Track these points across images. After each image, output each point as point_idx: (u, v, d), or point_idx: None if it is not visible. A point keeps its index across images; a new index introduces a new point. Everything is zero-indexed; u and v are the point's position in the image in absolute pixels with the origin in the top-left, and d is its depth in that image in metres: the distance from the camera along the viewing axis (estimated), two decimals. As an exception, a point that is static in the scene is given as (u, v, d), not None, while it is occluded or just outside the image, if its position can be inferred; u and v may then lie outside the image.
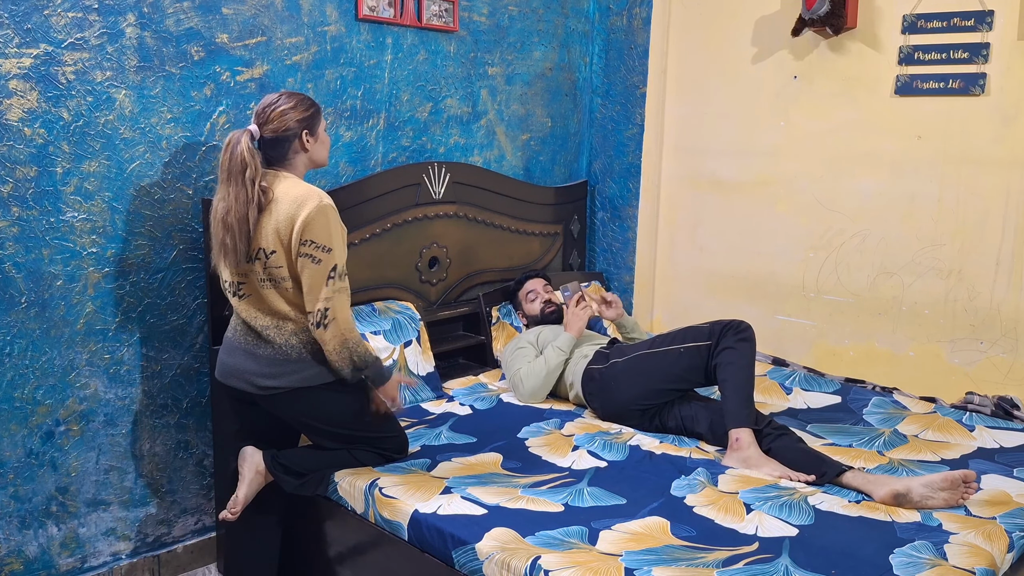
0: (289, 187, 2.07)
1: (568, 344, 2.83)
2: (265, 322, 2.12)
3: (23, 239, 2.19)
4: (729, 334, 2.53)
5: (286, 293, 2.09)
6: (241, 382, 2.14)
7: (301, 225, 2.01)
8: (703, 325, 2.62)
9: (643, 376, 2.60)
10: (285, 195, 2.06)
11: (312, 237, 2.02)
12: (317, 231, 2.02)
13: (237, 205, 2.02)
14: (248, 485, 2.17)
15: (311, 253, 2.02)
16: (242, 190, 2.02)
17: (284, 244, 2.05)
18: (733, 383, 2.45)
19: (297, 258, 2.04)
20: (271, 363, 2.11)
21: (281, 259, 2.06)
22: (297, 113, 2.11)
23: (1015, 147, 2.75)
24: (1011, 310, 2.80)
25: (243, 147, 2.03)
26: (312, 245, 2.02)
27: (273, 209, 2.05)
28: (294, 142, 2.12)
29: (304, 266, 2.03)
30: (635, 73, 3.57)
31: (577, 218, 3.70)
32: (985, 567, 1.77)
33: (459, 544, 1.88)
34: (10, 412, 2.23)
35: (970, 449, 2.48)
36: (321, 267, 2.02)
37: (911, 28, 2.90)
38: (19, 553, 2.28)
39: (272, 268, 2.07)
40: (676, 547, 1.85)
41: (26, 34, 2.13)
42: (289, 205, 2.04)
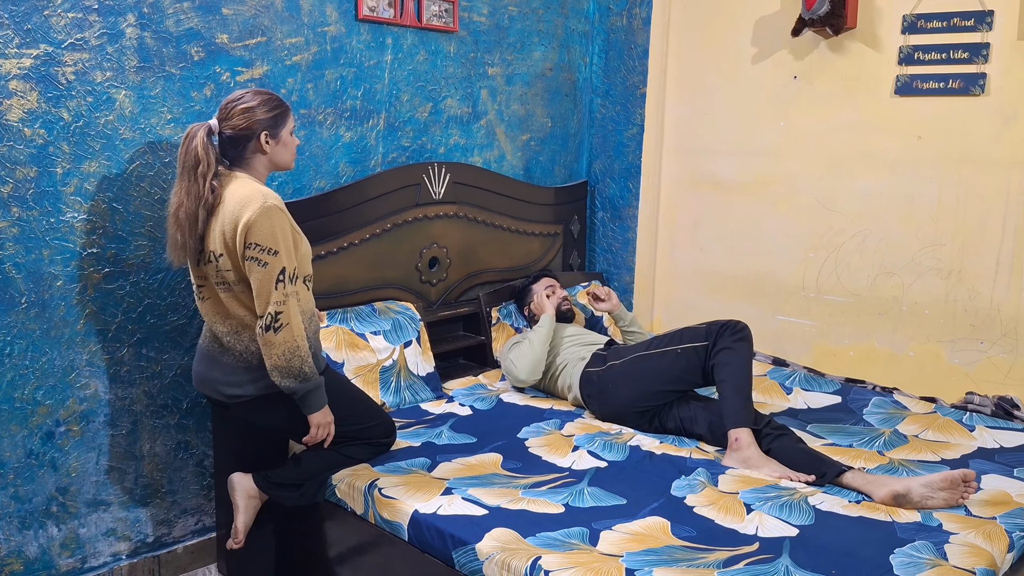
0: (237, 187, 2.00)
1: (546, 321, 2.89)
2: (224, 327, 2.07)
3: (23, 239, 2.19)
4: (726, 334, 2.54)
5: (240, 297, 2.03)
6: (210, 390, 2.13)
7: (244, 227, 1.94)
8: (700, 326, 2.62)
9: (641, 379, 2.61)
10: (231, 196, 1.99)
11: (256, 240, 1.94)
12: (261, 234, 1.94)
13: (188, 201, 1.97)
14: (244, 512, 2.17)
15: (257, 256, 1.94)
16: (193, 185, 1.97)
17: (229, 247, 1.98)
18: (731, 383, 2.45)
19: (244, 261, 1.97)
20: (233, 371, 2.06)
21: (228, 263, 2.00)
22: (259, 113, 2.03)
23: (1015, 147, 2.75)
24: (1011, 310, 2.80)
25: (198, 141, 1.97)
26: (257, 248, 1.94)
27: (220, 211, 1.99)
28: (252, 142, 2.05)
29: (251, 270, 1.96)
30: (635, 73, 3.57)
31: (577, 218, 3.70)
32: (985, 567, 1.77)
33: (459, 544, 1.88)
34: (10, 412, 2.22)
35: (970, 449, 2.48)
36: (268, 271, 1.94)
37: (911, 28, 2.90)
38: (19, 553, 2.28)
39: (223, 272, 2.01)
40: (676, 547, 1.85)
41: (26, 34, 2.13)
42: (234, 206, 1.97)
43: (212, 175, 1.99)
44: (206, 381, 2.14)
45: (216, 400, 2.16)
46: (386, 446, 2.29)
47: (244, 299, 2.04)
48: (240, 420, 2.20)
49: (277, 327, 1.96)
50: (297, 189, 2.74)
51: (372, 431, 2.26)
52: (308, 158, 2.75)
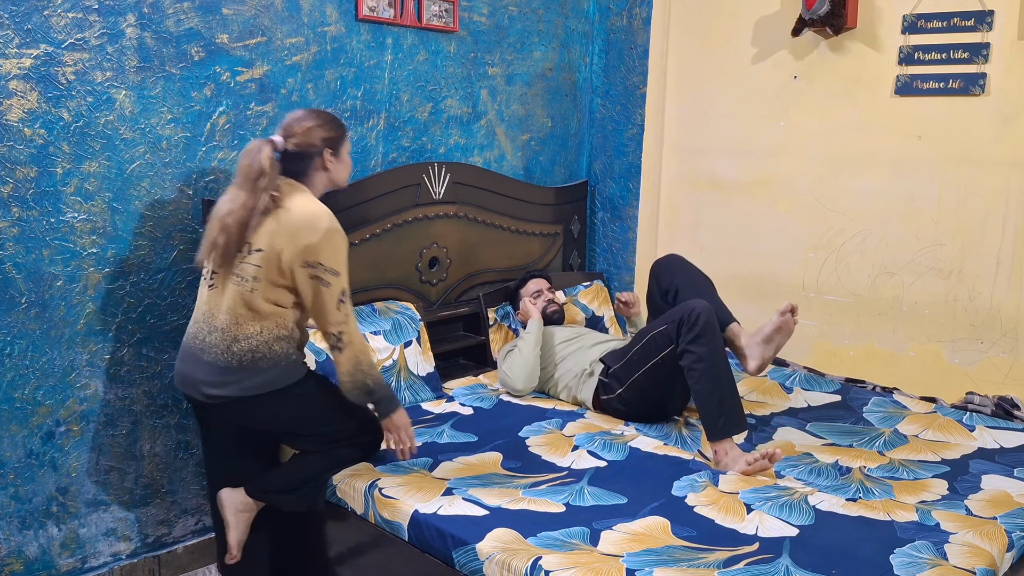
0: (304, 201, 2.04)
1: (533, 327, 2.88)
2: (220, 321, 2.03)
3: (23, 239, 2.19)
4: (683, 333, 2.44)
5: (245, 294, 2.01)
6: (191, 390, 2.08)
7: (311, 245, 1.98)
8: (665, 328, 2.52)
9: (652, 392, 2.61)
10: (298, 207, 2.02)
11: (322, 260, 1.99)
12: (328, 255, 1.99)
13: (241, 211, 1.98)
14: (236, 528, 2.13)
15: (320, 276, 1.99)
16: (251, 197, 1.98)
17: (276, 250, 1.99)
18: (697, 394, 2.40)
19: (297, 274, 2.00)
20: (215, 370, 2.02)
21: (261, 259, 2.00)
22: (323, 131, 2.09)
23: (1015, 147, 2.75)
24: (1011, 310, 2.80)
25: (264, 155, 2.00)
26: (321, 268, 1.99)
27: (280, 216, 2.00)
28: (316, 159, 2.10)
29: (313, 288, 2.00)
30: (635, 73, 3.57)
31: (577, 218, 3.70)
32: (985, 567, 1.77)
33: (460, 544, 1.88)
34: (10, 412, 2.23)
35: (970, 449, 2.48)
36: (331, 291, 2.00)
37: (911, 28, 2.90)
38: (19, 553, 2.28)
39: (248, 264, 2.00)
40: (677, 547, 1.85)
41: (26, 34, 2.13)
42: (301, 218, 2.00)
43: (273, 188, 2.02)
44: (187, 379, 2.08)
45: (198, 402, 2.10)
46: (374, 445, 2.23)
47: (247, 296, 2.02)
48: (224, 422, 2.15)
49: (341, 347, 2.03)
50: (297, 189, 2.74)
51: (358, 432, 2.21)
52: (308, 158, 2.75)
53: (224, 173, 2.55)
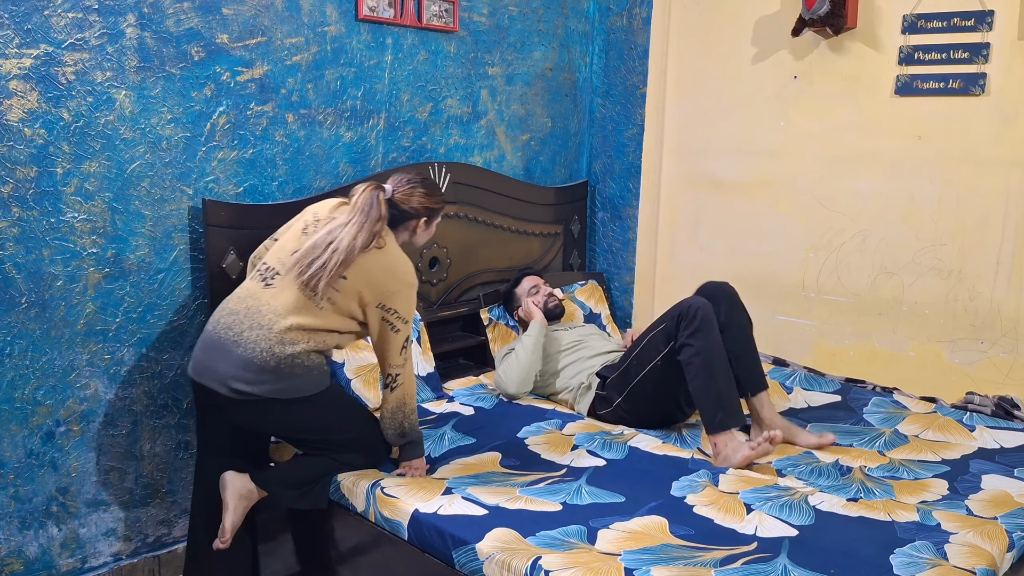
0: (396, 251, 2.21)
1: (535, 330, 2.85)
2: (268, 320, 2.08)
3: (23, 239, 2.19)
4: (682, 328, 2.46)
5: (313, 308, 2.10)
6: (214, 382, 2.08)
7: (391, 291, 2.15)
8: (664, 326, 2.53)
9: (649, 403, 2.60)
10: (390, 255, 2.19)
11: (397, 307, 2.16)
12: (403, 304, 2.17)
13: (351, 242, 2.08)
14: (234, 512, 2.14)
15: (392, 321, 2.16)
16: (363, 234, 2.10)
17: (360, 285, 2.12)
18: (696, 389, 2.41)
19: (369, 312, 2.15)
20: (250, 366, 2.05)
21: (343, 286, 2.11)
22: (429, 202, 2.29)
23: (1015, 147, 2.75)
24: (1011, 310, 2.80)
25: (382, 203, 2.16)
26: (395, 315, 2.16)
27: (375, 256, 2.14)
28: (410, 222, 2.28)
29: (383, 330, 2.17)
30: (635, 73, 3.57)
31: (577, 218, 3.70)
32: (985, 567, 1.77)
33: (459, 544, 1.89)
34: (10, 412, 2.23)
35: (970, 449, 2.48)
36: (399, 336, 2.17)
37: (911, 28, 2.90)
38: (19, 553, 2.29)
39: (333, 284, 2.10)
40: (674, 546, 1.85)
41: (26, 34, 2.14)
42: (390, 265, 2.18)
43: (381, 232, 2.18)
44: (210, 371, 2.09)
45: (213, 394, 2.10)
46: (381, 455, 2.29)
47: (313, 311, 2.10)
48: (237, 419, 2.18)
49: (393, 387, 2.20)
50: (297, 189, 2.74)
51: (367, 439, 2.27)
52: (308, 158, 2.75)
53: (224, 173, 2.55)
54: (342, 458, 2.23)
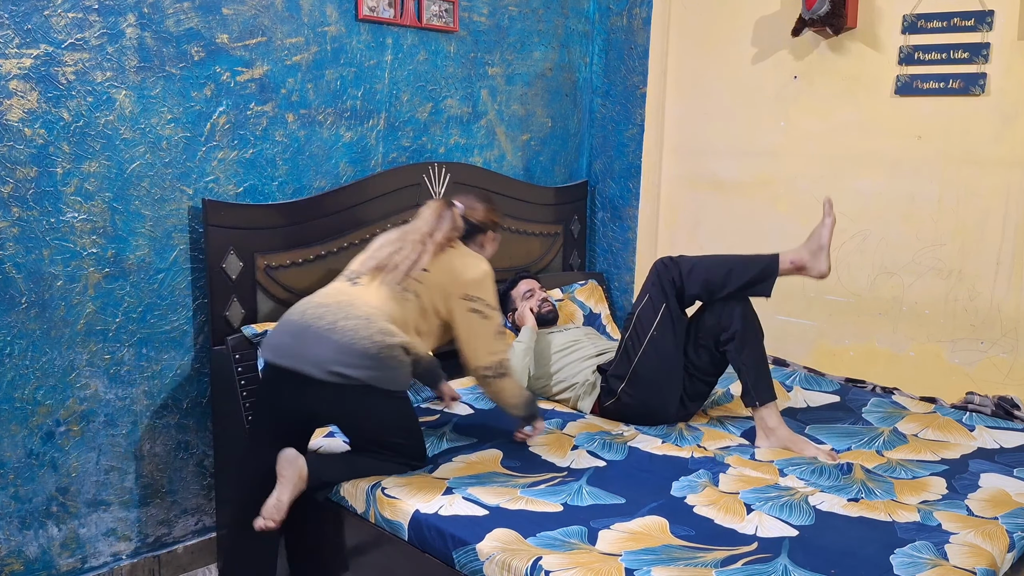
0: (469, 254, 2.35)
1: (526, 335, 2.85)
2: (364, 311, 2.13)
3: (23, 239, 2.19)
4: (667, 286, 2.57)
5: (401, 302, 2.21)
6: (307, 365, 2.06)
7: (473, 279, 2.25)
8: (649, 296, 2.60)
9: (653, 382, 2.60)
10: (467, 250, 2.36)
11: (481, 295, 2.25)
12: (486, 291, 2.27)
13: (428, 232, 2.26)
14: (292, 488, 2.07)
15: (480, 309, 2.25)
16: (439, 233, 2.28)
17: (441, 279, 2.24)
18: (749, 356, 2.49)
19: (456, 307, 2.24)
20: (351, 352, 2.06)
21: (425, 279, 2.23)
22: (494, 216, 2.48)
23: (1015, 147, 2.75)
24: (1011, 310, 2.80)
25: (455, 212, 2.35)
26: (481, 302, 2.25)
27: (453, 255, 2.30)
28: (481, 235, 2.45)
29: (472, 321, 2.25)
30: (635, 73, 3.57)
31: (577, 218, 3.70)
32: (986, 567, 1.77)
33: (460, 544, 1.88)
34: (10, 412, 2.23)
35: (970, 449, 2.48)
36: (490, 323, 2.26)
37: (911, 28, 2.90)
38: (19, 554, 2.29)
39: (416, 282, 2.22)
40: (674, 547, 1.85)
41: (26, 34, 2.14)
42: (468, 255, 2.33)
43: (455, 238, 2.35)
44: (301, 354, 2.08)
45: (291, 376, 2.08)
46: (414, 468, 2.26)
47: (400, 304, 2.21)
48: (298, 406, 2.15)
49: (503, 373, 2.29)
50: (297, 189, 2.74)
51: (415, 450, 2.27)
52: (308, 158, 2.75)
53: (224, 173, 2.55)
54: (384, 464, 2.22)
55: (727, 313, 2.51)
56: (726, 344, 2.51)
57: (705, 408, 2.81)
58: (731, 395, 2.92)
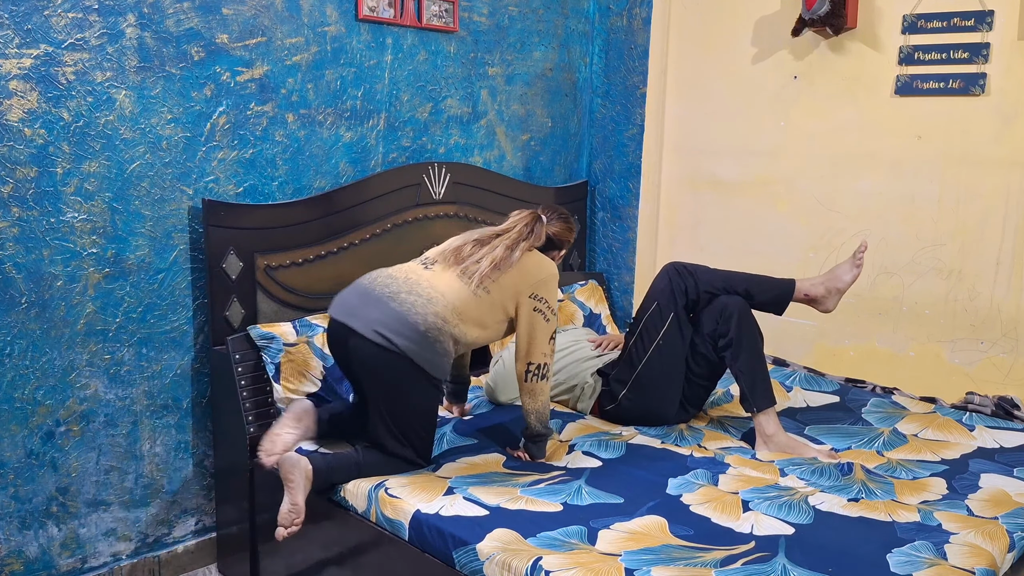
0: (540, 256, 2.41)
1: None
2: (427, 293, 2.23)
3: (23, 239, 2.20)
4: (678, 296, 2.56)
5: (468, 294, 2.25)
6: (360, 324, 2.19)
7: (541, 280, 2.31)
8: (656, 304, 2.59)
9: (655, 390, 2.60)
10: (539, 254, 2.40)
11: (547, 296, 2.31)
12: (551, 294, 2.32)
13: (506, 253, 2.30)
14: (303, 490, 2.12)
15: (543, 310, 2.30)
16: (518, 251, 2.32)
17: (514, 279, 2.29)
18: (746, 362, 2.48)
19: (522, 304, 2.29)
20: (403, 322, 2.18)
21: (500, 278, 2.28)
22: (573, 236, 2.54)
23: (1015, 147, 2.75)
24: (1011, 310, 2.80)
25: (544, 228, 2.42)
26: (546, 304, 2.30)
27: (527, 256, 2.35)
28: (553, 251, 2.49)
29: (534, 320, 2.29)
30: (635, 73, 3.57)
31: (577, 218, 3.70)
32: (985, 567, 1.77)
33: (460, 544, 1.89)
34: (10, 412, 2.23)
35: (970, 449, 2.48)
36: (549, 325, 2.30)
37: (911, 28, 2.90)
38: (19, 554, 2.29)
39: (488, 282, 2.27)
40: (674, 547, 1.85)
41: (26, 34, 2.14)
42: (539, 257, 2.38)
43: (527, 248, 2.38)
44: (360, 314, 2.21)
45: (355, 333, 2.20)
46: (417, 468, 2.26)
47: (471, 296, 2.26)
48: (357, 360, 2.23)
49: (545, 375, 2.30)
50: (297, 189, 2.74)
51: (420, 445, 2.27)
52: (308, 158, 2.75)
53: (224, 173, 2.55)
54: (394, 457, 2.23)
55: (725, 319, 2.51)
56: (724, 350, 2.51)
57: (705, 409, 2.81)
58: (731, 395, 2.92)
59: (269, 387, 2.50)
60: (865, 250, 2.59)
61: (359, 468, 2.21)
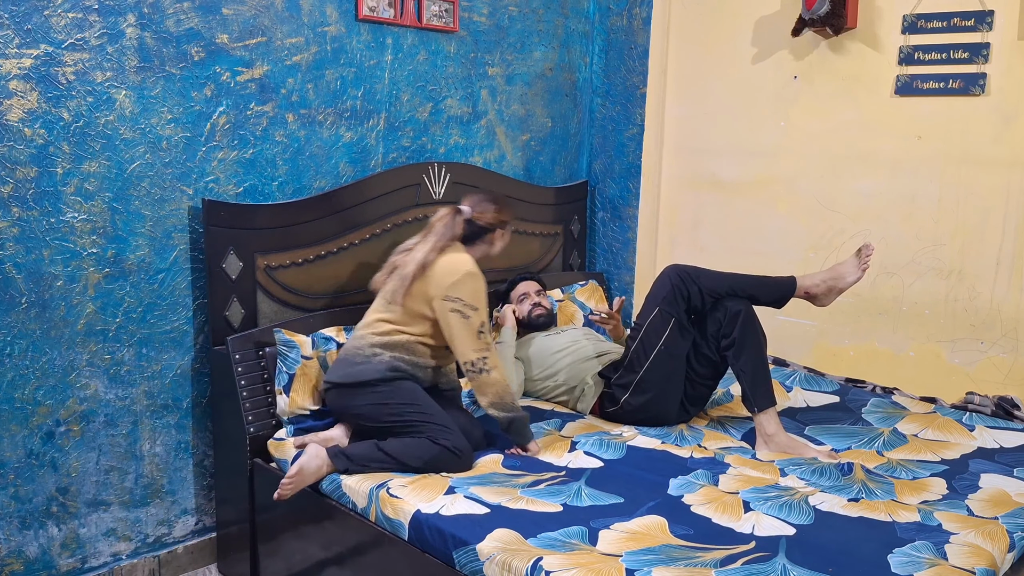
0: (454, 255, 2.41)
1: (506, 335, 2.85)
2: (356, 334, 2.45)
3: (23, 239, 2.19)
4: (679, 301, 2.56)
5: (387, 308, 2.42)
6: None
7: (452, 282, 2.33)
8: (659, 308, 2.59)
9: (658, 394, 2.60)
10: (453, 255, 2.40)
11: (460, 295, 2.33)
12: (467, 292, 2.34)
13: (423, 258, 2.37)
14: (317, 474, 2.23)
15: (460, 309, 2.33)
16: (433, 252, 2.39)
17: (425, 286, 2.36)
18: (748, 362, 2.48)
19: (438, 307, 2.34)
20: (339, 363, 2.42)
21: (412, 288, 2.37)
22: (504, 215, 2.53)
23: (1015, 147, 2.75)
24: (1011, 310, 2.80)
25: (459, 222, 2.44)
26: (461, 302, 2.33)
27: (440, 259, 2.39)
28: (491, 233, 2.51)
29: (452, 320, 2.33)
30: (635, 73, 3.57)
31: (577, 218, 3.70)
32: (986, 567, 1.77)
33: (460, 544, 1.88)
34: (11, 412, 2.23)
35: (970, 449, 2.48)
36: (471, 322, 2.33)
37: (911, 28, 2.90)
38: (19, 553, 2.29)
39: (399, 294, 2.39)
40: (674, 547, 1.85)
41: (26, 34, 2.14)
42: (451, 260, 2.39)
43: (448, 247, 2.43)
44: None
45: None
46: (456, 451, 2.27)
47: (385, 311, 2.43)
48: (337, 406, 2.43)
49: (487, 369, 2.34)
50: (297, 189, 2.74)
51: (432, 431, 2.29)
52: (308, 158, 2.75)
53: (224, 173, 2.55)
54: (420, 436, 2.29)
55: (728, 320, 2.51)
56: (726, 350, 2.51)
57: (705, 409, 2.81)
58: (731, 395, 2.92)
59: (270, 387, 2.49)
60: (871, 253, 2.58)
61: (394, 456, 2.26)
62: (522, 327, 3.02)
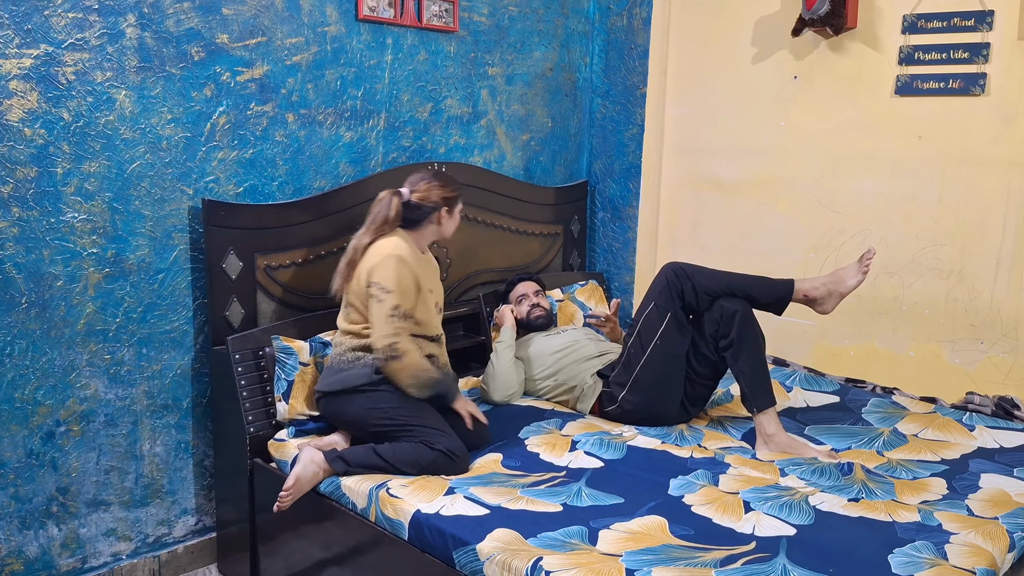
0: (391, 237, 2.37)
1: (505, 335, 2.85)
2: (336, 335, 2.45)
3: (23, 240, 2.19)
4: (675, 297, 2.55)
5: (345, 312, 2.42)
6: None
7: (373, 266, 2.31)
8: (655, 304, 2.59)
9: (656, 389, 2.59)
10: (384, 240, 2.36)
11: (376, 279, 2.30)
12: (381, 275, 2.30)
13: (356, 244, 2.36)
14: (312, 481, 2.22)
15: (374, 293, 2.29)
16: (367, 237, 2.37)
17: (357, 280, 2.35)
18: (747, 362, 2.48)
19: (368, 299, 2.31)
20: (326, 370, 2.42)
21: (351, 287, 2.37)
22: (444, 192, 2.45)
23: (1015, 147, 2.75)
24: (1011, 310, 2.80)
25: (393, 205, 2.38)
26: (376, 287, 2.29)
27: (372, 247, 2.36)
28: (434, 213, 2.44)
29: (370, 305, 2.30)
30: (635, 73, 3.57)
31: (577, 218, 3.70)
32: (986, 567, 1.77)
33: (460, 544, 1.89)
34: (11, 413, 2.23)
35: (970, 449, 2.48)
36: (382, 306, 2.28)
37: (911, 28, 2.90)
38: (20, 553, 2.29)
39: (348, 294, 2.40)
40: (675, 547, 1.85)
41: (26, 34, 2.14)
42: (378, 244, 2.35)
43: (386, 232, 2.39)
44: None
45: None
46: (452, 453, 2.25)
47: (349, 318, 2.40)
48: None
49: (397, 355, 2.27)
50: (297, 189, 2.74)
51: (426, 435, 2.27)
52: (308, 158, 2.75)
53: (224, 173, 2.55)
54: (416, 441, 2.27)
55: (725, 320, 2.51)
56: (725, 350, 2.51)
57: (706, 409, 2.81)
58: (731, 395, 2.92)
59: (270, 387, 2.49)
60: (872, 257, 2.57)
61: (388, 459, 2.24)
62: (521, 327, 3.02)
